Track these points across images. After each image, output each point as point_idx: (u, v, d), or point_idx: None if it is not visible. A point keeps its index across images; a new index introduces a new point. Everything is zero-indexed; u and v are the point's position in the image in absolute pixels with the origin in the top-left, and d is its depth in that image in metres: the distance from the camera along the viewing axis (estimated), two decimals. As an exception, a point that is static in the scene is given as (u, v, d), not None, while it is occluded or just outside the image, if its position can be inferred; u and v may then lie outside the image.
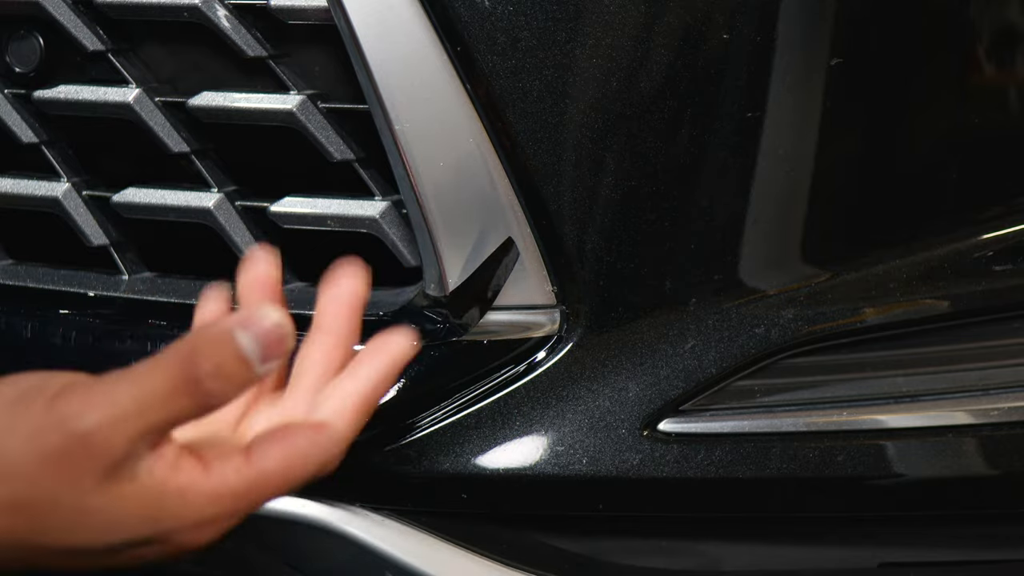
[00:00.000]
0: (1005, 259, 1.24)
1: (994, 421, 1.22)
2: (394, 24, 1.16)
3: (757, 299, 1.21)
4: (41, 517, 0.96)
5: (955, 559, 1.25)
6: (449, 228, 1.19)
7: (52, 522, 0.96)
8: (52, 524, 0.96)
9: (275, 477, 1.01)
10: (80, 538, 0.97)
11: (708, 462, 1.19)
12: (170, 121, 1.29)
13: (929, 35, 1.22)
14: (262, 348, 0.96)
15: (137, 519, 0.97)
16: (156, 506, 0.98)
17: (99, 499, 0.96)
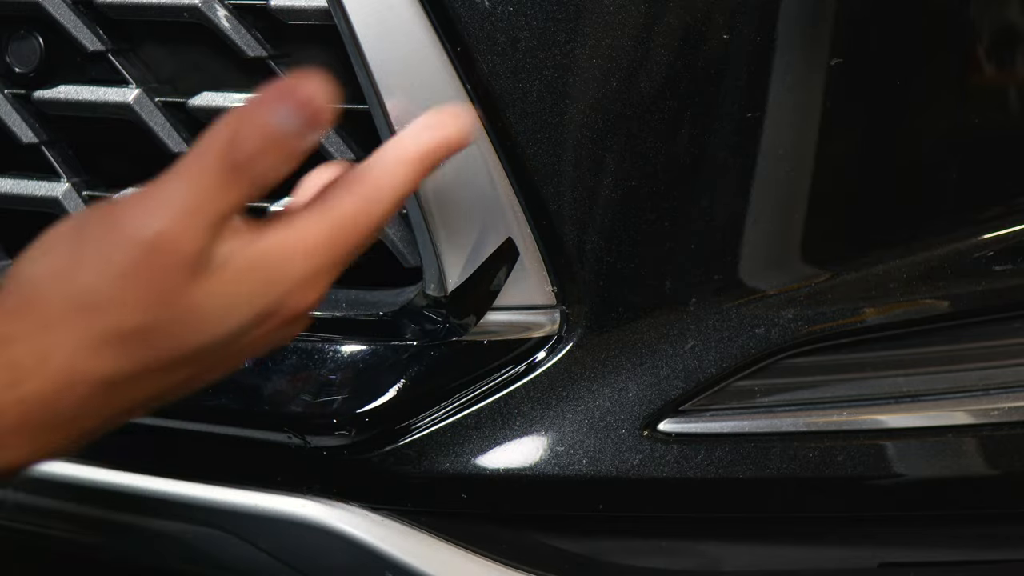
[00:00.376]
0: (1005, 259, 1.24)
1: (994, 421, 1.22)
2: (394, 24, 1.16)
3: (757, 299, 1.21)
4: (152, 333, 0.94)
5: (955, 559, 1.25)
6: (449, 228, 1.19)
7: (167, 332, 0.94)
8: (167, 333, 0.94)
9: (353, 222, 0.99)
10: (203, 335, 0.96)
11: (708, 462, 1.19)
12: (170, 121, 1.29)
13: (929, 35, 1.22)
14: (303, 119, 0.95)
15: (249, 294, 0.96)
16: (261, 274, 0.96)
17: (198, 294, 0.94)
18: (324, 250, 0.99)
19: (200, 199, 0.94)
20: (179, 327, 0.95)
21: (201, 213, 0.94)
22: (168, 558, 1.33)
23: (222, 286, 0.95)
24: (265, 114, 0.94)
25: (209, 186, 0.94)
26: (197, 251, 0.94)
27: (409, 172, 1.03)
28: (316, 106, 0.95)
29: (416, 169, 1.03)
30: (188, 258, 0.93)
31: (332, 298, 1.27)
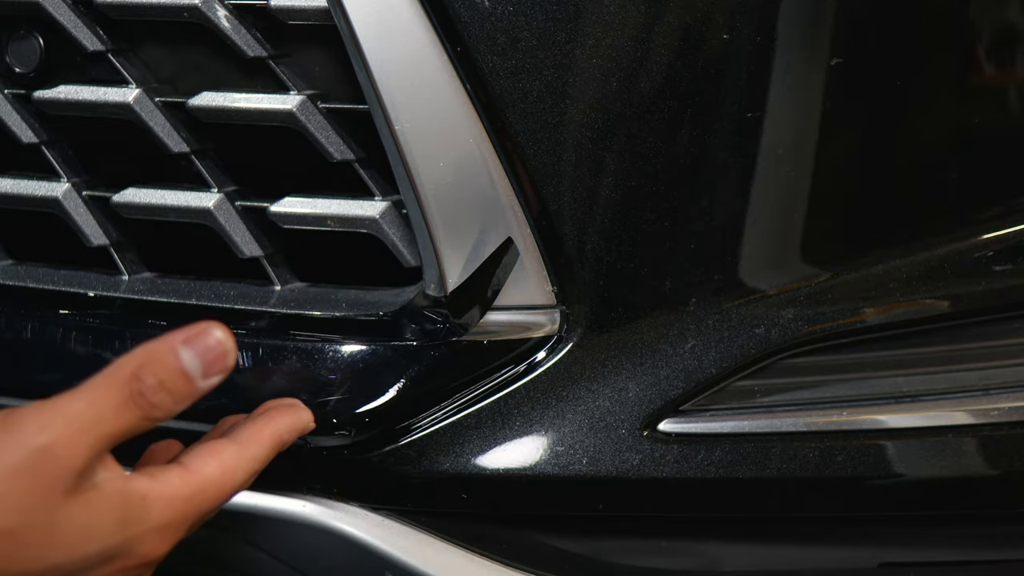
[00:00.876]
0: (1005, 259, 1.24)
1: (994, 421, 1.22)
2: (394, 24, 1.16)
3: (757, 299, 1.21)
4: (16, 537, 0.99)
5: (955, 559, 1.25)
6: (449, 228, 1.19)
7: (28, 540, 0.99)
8: (28, 542, 0.99)
9: (213, 483, 1.07)
10: (57, 554, 1.00)
11: (708, 462, 1.19)
12: (170, 121, 1.29)
13: (929, 35, 1.22)
14: (204, 364, 1.02)
15: (108, 524, 1.01)
16: (123, 509, 1.02)
17: (70, 508, 1.00)
18: (181, 506, 1.05)
19: (98, 415, 1.00)
20: (40, 539, 0.99)
21: (92, 432, 1.00)
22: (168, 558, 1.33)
23: (87, 511, 1.01)
24: (171, 353, 1.02)
25: (105, 408, 1.00)
26: (80, 467, 0.99)
27: (266, 450, 1.11)
28: (220, 352, 1.03)
29: (272, 449, 1.12)
30: (70, 471, 0.99)
31: (332, 298, 1.27)
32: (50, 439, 0.99)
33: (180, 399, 1.02)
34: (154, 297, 1.31)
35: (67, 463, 0.99)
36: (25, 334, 1.32)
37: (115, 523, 1.02)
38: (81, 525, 1.00)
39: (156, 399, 1.01)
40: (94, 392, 1.01)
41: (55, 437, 0.99)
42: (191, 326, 1.03)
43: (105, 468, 1.02)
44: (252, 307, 1.28)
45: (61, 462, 0.99)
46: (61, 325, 1.31)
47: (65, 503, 1.00)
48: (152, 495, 1.04)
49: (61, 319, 1.31)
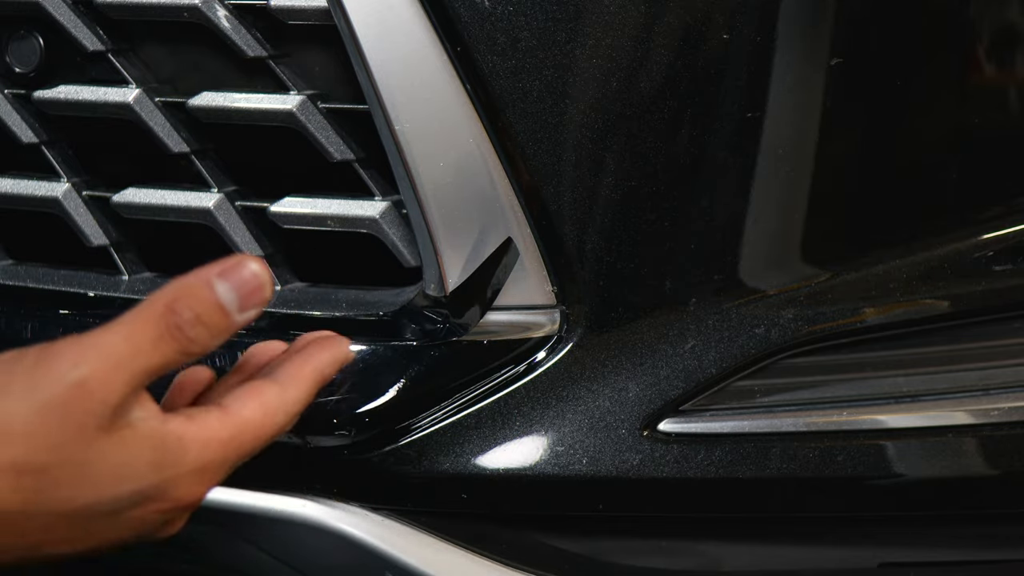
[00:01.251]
0: (1005, 259, 1.24)
1: (994, 421, 1.22)
2: (394, 24, 1.16)
3: (757, 299, 1.21)
4: (47, 474, 0.96)
5: (955, 559, 1.25)
6: (449, 228, 1.19)
7: (59, 477, 0.97)
8: (59, 480, 0.97)
9: (253, 426, 1.04)
10: (88, 493, 0.98)
11: (708, 462, 1.19)
12: (170, 121, 1.29)
13: (929, 35, 1.22)
14: (240, 297, 1.00)
15: (142, 465, 0.99)
16: (158, 449, 0.99)
17: (103, 446, 0.97)
18: (219, 448, 1.02)
19: (135, 350, 0.98)
20: (71, 477, 0.97)
21: (128, 367, 0.97)
22: (168, 558, 1.33)
23: (120, 449, 0.98)
24: (207, 286, 1.00)
25: (142, 342, 0.98)
26: (115, 403, 0.97)
27: (308, 390, 1.08)
28: (256, 285, 1.01)
29: (314, 387, 1.09)
30: (104, 407, 0.97)
31: (332, 298, 1.27)
32: (84, 374, 0.96)
33: (217, 333, 1.00)
34: (154, 297, 1.31)
35: (102, 398, 0.96)
36: (25, 334, 1.32)
37: (149, 464, 0.99)
38: (114, 464, 0.98)
39: (193, 333, 0.99)
40: (129, 327, 0.99)
41: (90, 372, 0.96)
42: (225, 259, 1.01)
43: (141, 406, 0.99)
44: (252, 307, 1.28)
45: (95, 397, 0.96)
46: (61, 325, 1.31)
47: (98, 440, 0.97)
48: (189, 436, 1.01)
49: (61, 319, 1.31)
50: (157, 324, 0.99)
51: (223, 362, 1.21)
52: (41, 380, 0.96)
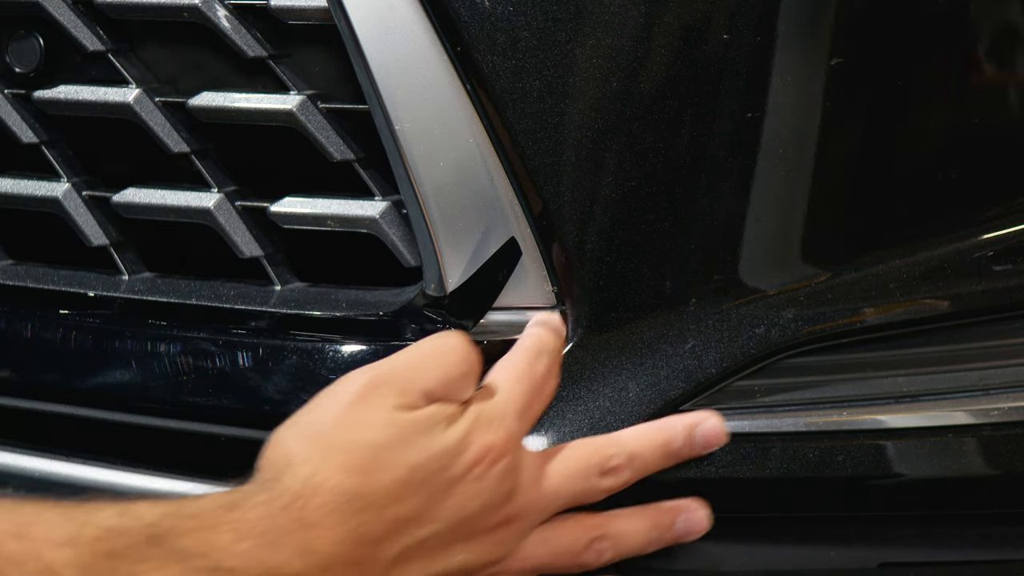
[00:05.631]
0: (1005, 259, 1.24)
1: (994, 421, 1.22)
2: (394, 24, 1.16)
3: (757, 299, 1.21)
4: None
5: (955, 559, 1.25)
6: (449, 228, 1.19)
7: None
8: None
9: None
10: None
11: (707, 462, 1.19)
12: (170, 121, 1.29)
13: (929, 35, 1.22)
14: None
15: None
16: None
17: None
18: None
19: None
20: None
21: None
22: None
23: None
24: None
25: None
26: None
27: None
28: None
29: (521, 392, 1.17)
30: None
31: (332, 298, 1.27)
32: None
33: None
34: (154, 297, 1.31)
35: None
36: (25, 334, 1.32)
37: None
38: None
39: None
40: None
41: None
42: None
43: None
44: (252, 307, 1.28)
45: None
46: (61, 325, 1.31)
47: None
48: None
49: (61, 319, 1.31)
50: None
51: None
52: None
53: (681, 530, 1.18)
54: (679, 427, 1.17)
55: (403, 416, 1.08)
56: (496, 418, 1.11)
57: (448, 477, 1.07)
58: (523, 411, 1.14)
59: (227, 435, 1.25)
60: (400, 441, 1.07)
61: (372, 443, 1.06)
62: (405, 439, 1.07)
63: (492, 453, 1.09)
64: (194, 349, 1.26)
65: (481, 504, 1.09)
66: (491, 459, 1.09)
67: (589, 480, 1.15)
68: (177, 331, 1.27)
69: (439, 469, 1.07)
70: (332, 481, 1.03)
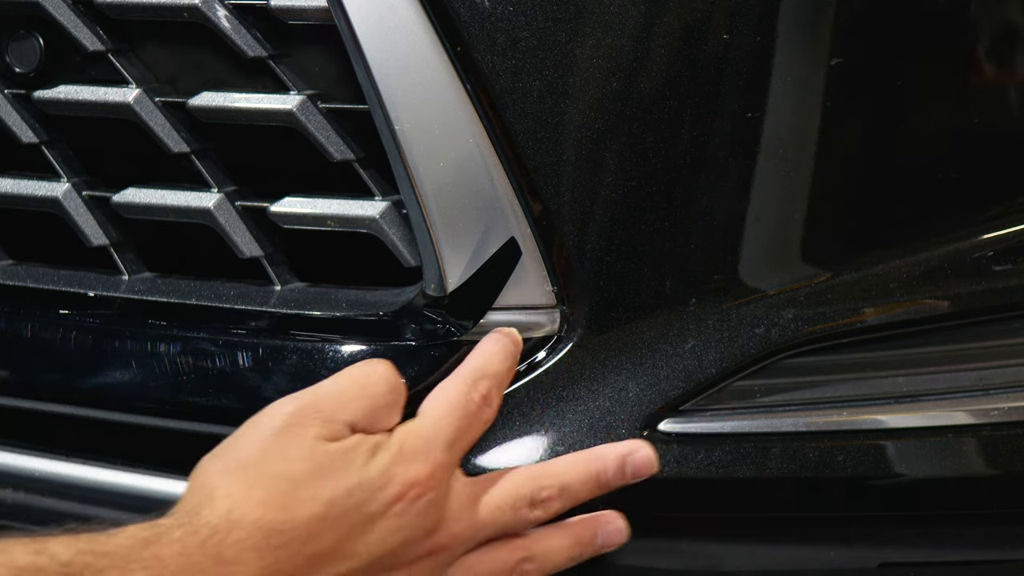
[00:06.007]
0: (1005, 259, 1.24)
1: (994, 421, 1.22)
2: (394, 24, 1.16)
3: (757, 299, 1.21)
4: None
5: (955, 559, 1.25)
6: (449, 228, 1.19)
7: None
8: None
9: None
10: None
11: (708, 462, 1.19)
12: (170, 121, 1.29)
13: (929, 35, 1.22)
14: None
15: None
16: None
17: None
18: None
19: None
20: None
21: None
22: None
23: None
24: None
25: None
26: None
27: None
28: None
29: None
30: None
31: (332, 298, 1.27)
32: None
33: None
34: (154, 297, 1.31)
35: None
36: (25, 334, 1.32)
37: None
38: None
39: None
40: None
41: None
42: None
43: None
44: (252, 307, 1.28)
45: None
46: (61, 325, 1.31)
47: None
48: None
49: (61, 319, 1.31)
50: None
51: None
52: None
53: (600, 543, 1.18)
54: (611, 457, 1.16)
55: (324, 448, 1.07)
56: (421, 451, 1.10)
57: (368, 513, 1.07)
58: (452, 442, 1.12)
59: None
60: (319, 474, 1.06)
61: (292, 476, 1.05)
62: (324, 472, 1.06)
63: (415, 489, 1.08)
64: (194, 349, 1.26)
65: (403, 539, 1.08)
66: (414, 495, 1.08)
67: (519, 511, 1.14)
68: (177, 331, 1.27)
69: (358, 504, 1.06)
70: (251, 516, 1.02)
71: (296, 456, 1.06)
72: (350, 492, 1.06)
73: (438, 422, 1.13)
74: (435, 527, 1.10)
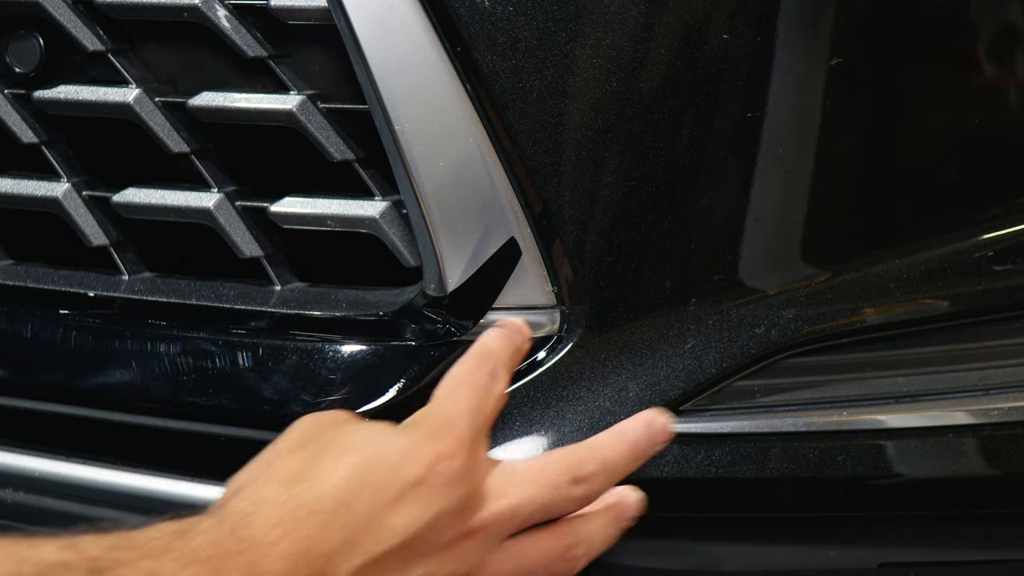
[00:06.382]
0: (1005, 259, 1.24)
1: (994, 421, 1.22)
2: (394, 24, 1.16)
3: (757, 299, 1.21)
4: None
5: (955, 559, 1.25)
6: (449, 228, 1.19)
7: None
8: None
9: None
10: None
11: (708, 462, 1.19)
12: (170, 121, 1.29)
13: (929, 35, 1.22)
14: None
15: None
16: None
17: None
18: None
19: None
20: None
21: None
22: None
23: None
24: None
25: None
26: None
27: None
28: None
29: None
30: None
31: (332, 298, 1.27)
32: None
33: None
34: (154, 297, 1.31)
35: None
36: (25, 334, 1.32)
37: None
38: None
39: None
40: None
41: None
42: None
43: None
44: (252, 307, 1.28)
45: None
46: (61, 325, 1.31)
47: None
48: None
49: (61, 319, 1.31)
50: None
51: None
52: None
53: (629, 517, 1.16)
54: (640, 426, 1.15)
55: (349, 426, 1.06)
56: (443, 424, 1.07)
57: (397, 486, 1.04)
58: (472, 415, 1.09)
59: (227, 435, 1.25)
60: (344, 448, 1.04)
61: (315, 455, 1.03)
62: (349, 447, 1.04)
63: (442, 462, 1.05)
64: (194, 349, 1.26)
65: (435, 512, 1.05)
66: (441, 468, 1.05)
67: (560, 490, 1.11)
68: (177, 331, 1.27)
69: (386, 473, 1.04)
70: (274, 494, 1.01)
71: (320, 443, 1.05)
72: (376, 458, 1.04)
73: (453, 398, 1.10)
74: (468, 503, 1.07)
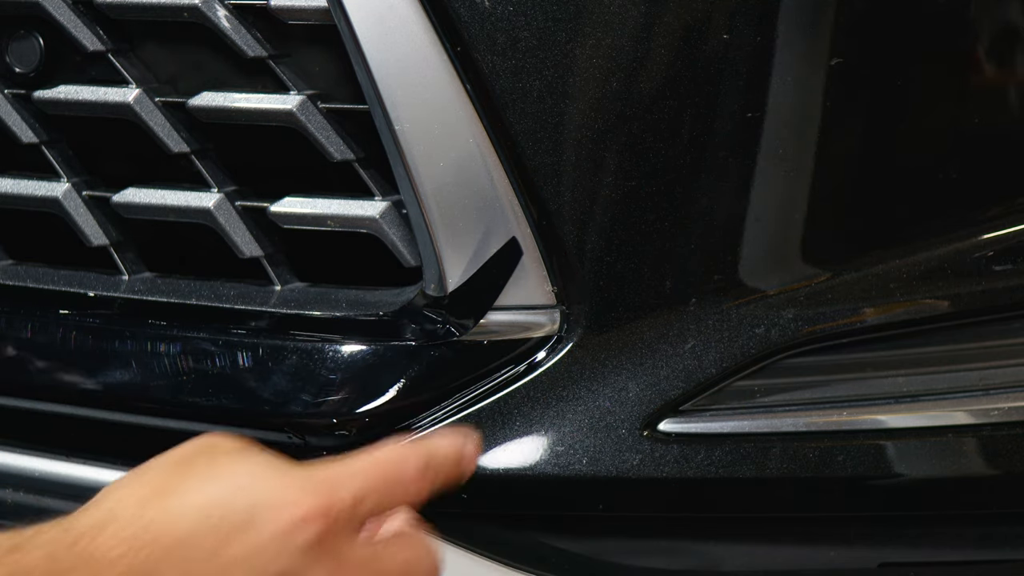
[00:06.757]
0: (1005, 259, 1.24)
1: (994, 421, 1.22)
2: (394, 24, 1.16)
3: (757, 299, 1.21)
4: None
5: (955, 559, 1.25)
6: (449, 228, 1.19)
7: None
8: None
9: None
10: None
11: (708, 462, 1.19)
12: (170, 121, 1.29)
13: (929, 35, 1.22)
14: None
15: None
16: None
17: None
18: None
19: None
20: None
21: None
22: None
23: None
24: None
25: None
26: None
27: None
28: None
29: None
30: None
31: (332, 298, 1.27)
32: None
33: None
34: (154, 297, 1.31)
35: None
36: (25, 334, 1.32)
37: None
38: None
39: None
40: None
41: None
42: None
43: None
44: (252, 307, 1.28)
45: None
46: (61, 325, 1.31)
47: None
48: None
49: (61, 319, 1.31)
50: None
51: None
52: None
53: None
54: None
55: (238, 454, 0.98)
56: (330, 486, 0.97)
57: (254, 531, 0.94)
58: (368, 494, 0.98)
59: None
60: (217, 474, 0.95)
61: (188, 471, 0.95)
62: (222, 474, 0.96)
63: (309, 519, 0.95)
64: (194, 349, 1.26)
65: (279, 570, 0.94)
66: (306, 527, 0.95)
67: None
68: (177, 331, 1.27)
69: (246, 514, 0.94)
70: (132, 509, 0.92)
71: (198, 464, 0.97)
72: (234, 502, 0.94)
73: (363, 471, 0.99)
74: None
